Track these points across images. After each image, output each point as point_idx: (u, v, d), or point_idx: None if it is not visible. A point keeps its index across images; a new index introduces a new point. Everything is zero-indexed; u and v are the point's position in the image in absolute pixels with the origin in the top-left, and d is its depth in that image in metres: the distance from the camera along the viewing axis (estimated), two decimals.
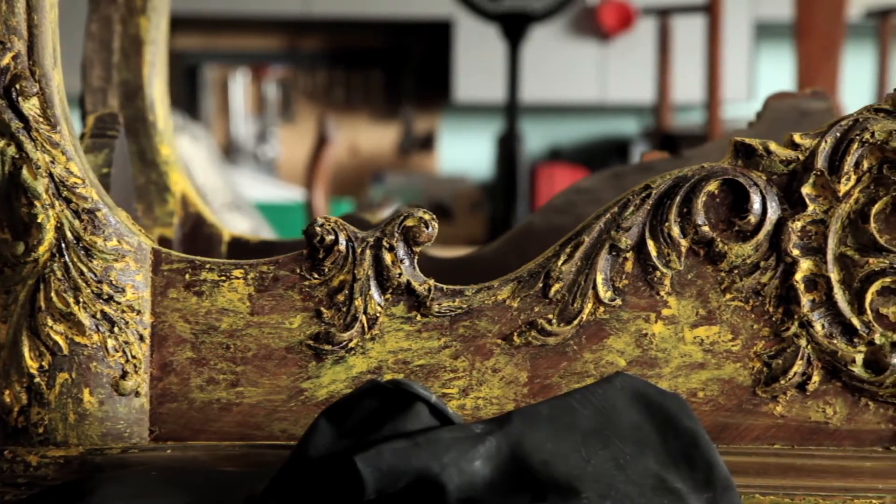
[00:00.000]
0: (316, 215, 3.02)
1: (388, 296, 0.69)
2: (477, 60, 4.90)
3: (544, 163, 5.15)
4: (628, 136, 5.17)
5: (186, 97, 5.28)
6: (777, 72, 5.07)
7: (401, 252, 0.69)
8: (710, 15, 3.05)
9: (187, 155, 2.94)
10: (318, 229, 0.69)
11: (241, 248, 0.99)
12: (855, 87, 4.45)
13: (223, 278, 0.68)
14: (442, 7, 4.71)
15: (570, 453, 0.62)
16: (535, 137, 5.23)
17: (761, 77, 5.10)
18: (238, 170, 4.99)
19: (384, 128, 5.41)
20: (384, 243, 0.69)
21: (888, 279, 0.69)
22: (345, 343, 0.69)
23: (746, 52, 4.89)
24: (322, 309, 0.69)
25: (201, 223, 0.98)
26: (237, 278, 0.69)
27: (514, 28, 3.42)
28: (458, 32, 4.93)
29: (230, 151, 5.28)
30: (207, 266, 0.69)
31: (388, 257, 0.69)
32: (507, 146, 3.52)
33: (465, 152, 5.37)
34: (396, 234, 0.69)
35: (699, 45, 3.68)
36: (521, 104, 4.89)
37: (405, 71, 5.32)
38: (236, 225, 3.00)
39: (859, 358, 0.69)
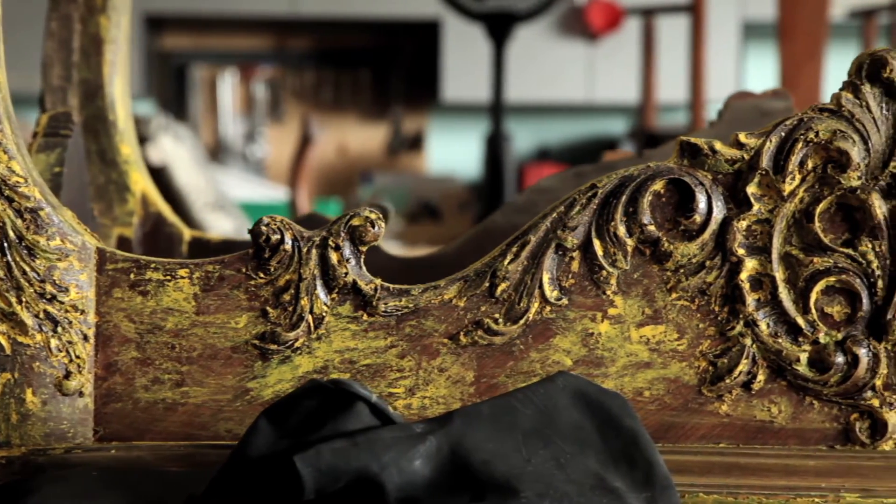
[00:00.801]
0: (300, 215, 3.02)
1: (334, 295, 0.69)
2: (465, 60, 4.90)
3: (532, 162, 5.15)
4: (616, 135, 5.17)
5: (175, 97, 5.28)
6: (764, 71, 5.07)
7: (347, 251, 0.69)
8: (693, 15, 3.06)
9: (170, 155, 2.94)
10: (263, 228, 0.69)
11: (202, 248, 0.99)
12: (836, 87, 4.45)
13: (168, 278, 0.68)
14: (430, 7, 4.72)
15: (510, 453, 0.62)
16: (524, 137, 5.23)
17: (749, 77, 5.10)
18: (226, 169, 4.99)
19: (373, 128, 5.41)
20: (330, 242, 0.69)
21: (832, 278, 0.69)
22: (291, 342, 0.69)
23: (734, 51, 4.89)
24: (268, 308, 0.69)
25: (162, 223, 0.98)
26: (182, 278, 0.69)
27: (499, 28, 3.43)
28: (446, 32, 4.93)
29: (218, 151, 5.28)
30: (152, 265, 0.69)
31: (334, 257, 0.69)
32: (493, 146, 3.53)
33: (454, 152, 5.37)
34: (342, 234, 0.69)
35: (685, 45, 3.68)
36: (509, 104, 4.89)
37: (394, 71, 5.32)
38: (219, 225, 2.99)
39: (804, 357, 0.70)
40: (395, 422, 0.63)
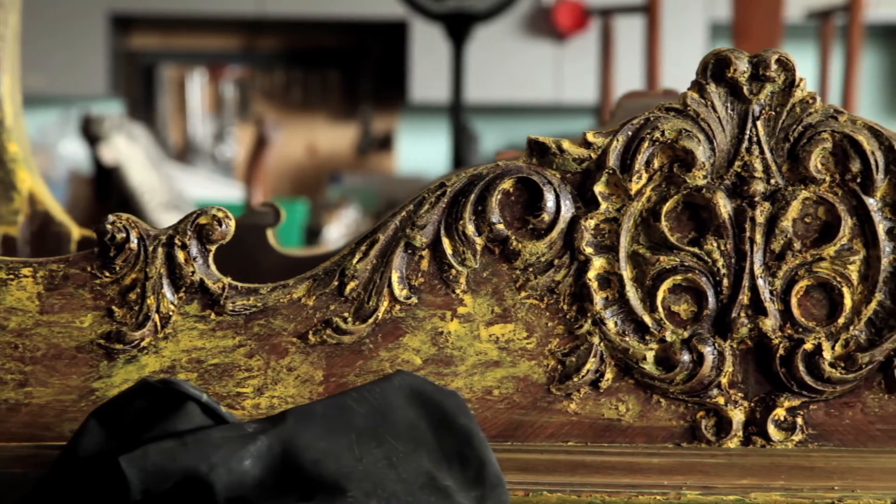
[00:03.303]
0: None
1: (181, 294, 0.69)
2: (433, 61, 4.90)
3: None
4: None
5: (143, 97, 5.26)
6: None
7: (194, 250, 0.69)
8: (649, 15, 3.06)
9: (124, 154, 2.93)
10: (108, 227, 0.69)
11: (92, 247, 0.98)
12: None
13: (11, 276, 0.68)
14: (398, 8, 4.71)
15: (342, 452, 0.62)
16: (492, 138, 5.23)
17: None
18: (194, 169, 4.98)
19: (342, 128, 5.41)
20: (176, 241, 0.69)
21: (679, 277, 0.70)
22: (137, 342, 0.69)
23: (701, 52, 4.90)
24: (114, 308, 0.69)
25: (49, 222, 0.98)
26: (26, 276, 0.68)
27: (458, 28, 3.42)
28: (413, 33, 4.93)
29: (187, 151, 5.26)
30: None
31: (180, 255, 0.69)
32: (457, 146, 3.53)
33: (424, 153, 5.37)
34: (189, 232, 0.69)
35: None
36: (477, 104, 4.89)
37: (363, 71, 5.31)
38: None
39: (650, 355, 0.70)
40: (227, 421, 0.63)
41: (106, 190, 2.99)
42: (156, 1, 4.88)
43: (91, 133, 2.91)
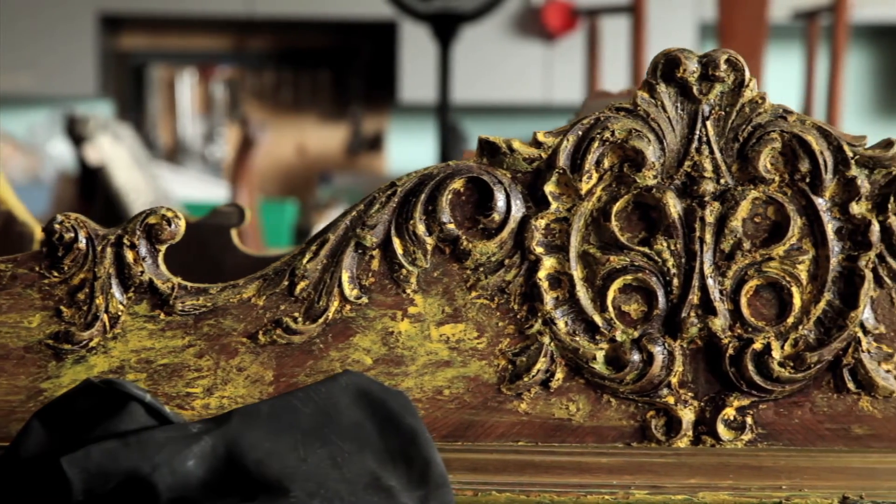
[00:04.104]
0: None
1: (130, 294, 0.69)
2: (423, 61, 4.90)
3: None
4: None
5: (133, 97, 5.26)
6: None
7: (143, 250, 0.69)
8: (634, 16, 3.06)
9: (108, 154, 2.93)
10: (57, 227, 0.68)
11: None
12: (783, 88, 4.47)
13: None
14: (388, 8, 4.71)
15: (286, 452, 0.62)
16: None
17: None
18: (184, 169, 4.98)
19: (332, 128, 5.40)
20: (125, 241, 0.69)
21: (629, 277, 0.70)
22: (85, 342, 0.69)
23: None
24: (62, 308, 0.69)
25: (12, 221, 0.98)
26: None
27: (445, 28, 3.42)
28: (403, 33, 4.93)
29: (177, 151, 5.26)
30: None
31: (129, 255, 0.69)
32: (443, 146, 3.52)
33: (414, 153, 5.37)
34: (138, 232, 0.69)
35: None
36: (467, 105, 4.89)
37: (353, 71, 5.31)
38: None
39: (600, 355, 0.70)
40: (172, 421, 0.63)
41: (91, 190, 2.99)
42: (145, 1, 4.87)
43: (75, 133, 2.91)
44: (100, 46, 4.90)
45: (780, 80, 4.52)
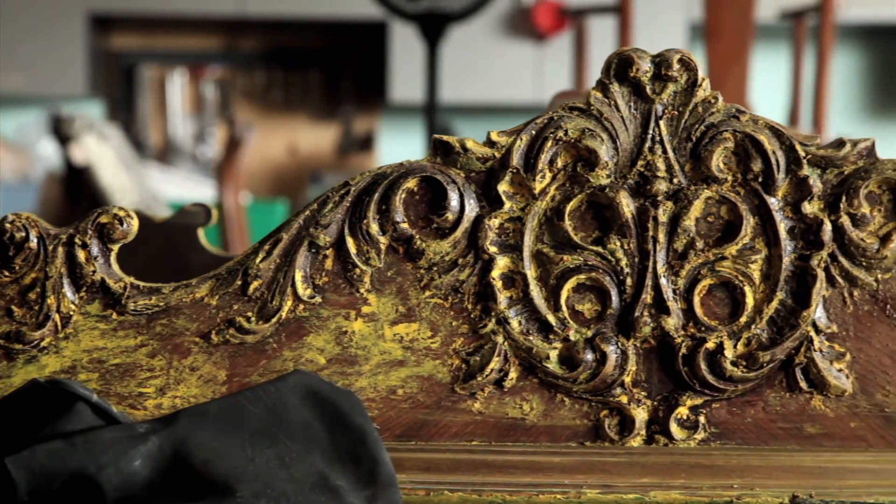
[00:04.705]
0: (227, 217, 3.01)
1: (82, 294, 0.69)
2: (413, 61, 4.90)
3: None
4: None
5: (123, 97, 5.25)
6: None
7: (95, 249, 0.69)
8: (621, 16, 3.06)
9: (94, 154, 2.93)
10: (7, 226, 0.68)
11: None
12: (770, 88, 4.47)
13: None
14: (378, 8, 4.71)
15: (234, 452, 0.62)
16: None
17: None
18: (175, 169, 4.97)
19: (323, 128, 5.40)
20: (77, 240, 0.69)
21: (583, 276, 0.70)
22: (37, 342, 0.69)
23: None
24: (13, 307, 0.69)
25: None
26: None
27: (433, 28, 3.42)
28: (393, 33, 4.93)
29: (167, 151, 5.26)
30: None
31: (81, 255, 0.69)
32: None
33: (405, 153, 5.36)
34: (90, 231, 0.69)
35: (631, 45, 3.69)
36: (457, 105, 4.89)
37: (343, 71, 5.31)
38: None
39: (554, 354, 0.70)
40: (119, 421, 0.63)
41: (77, 190, 2.98)
42: (135, 1, 4.87)
43: (61, 133, 2.91)
44: (90, 46, 4.90)
45: (768, 80, 4.52)
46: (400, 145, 5.36)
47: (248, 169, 5.06)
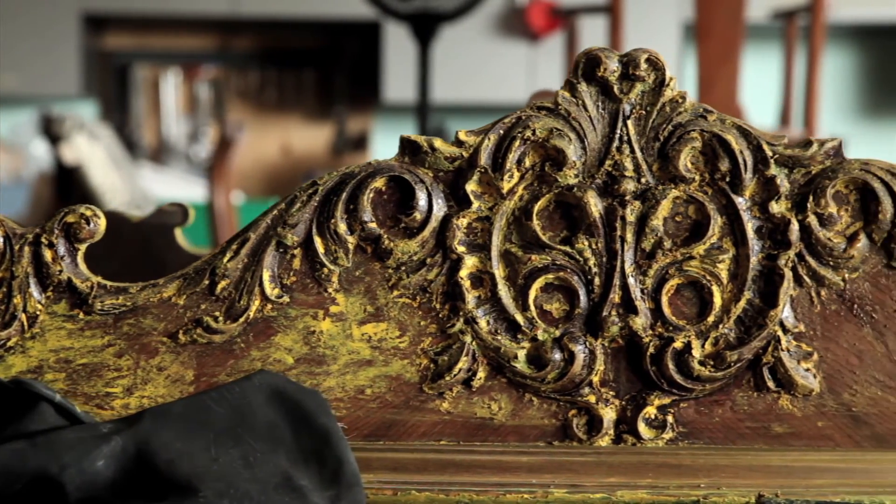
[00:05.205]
0: (218, 216, 3.01)
1: (48, 293, 0.69)
2: (407, 61, 4.89)
3: None
4: None
5: (117, 97, 5.25)
6: None
7: (61, 249, 0.69)
8: (611, 15, 3.06)
9: (85, 154, 2.92)
10: None
11: None
12: (761, 88, 4.47)
13: None
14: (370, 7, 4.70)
15: (198, 452, 0.62)
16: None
17: (687, 76, 5.12)
18: (168, 169, 4.97)
19: (317, 128, 5.40)
20: (43, 240, 0.69)
21: (551, 276, 0.69)
22: (3, 342, 0.69)
23: (675, 52, 4.90)
24: None
25: None
26: None
27: (425, 28, 3.42)
28: (387, 33, 4.93)
29: (161, 151, 5.25)
30: None
31: (48, 254, 0.69)
32: None
33: None
34: (56, 231, 0.69)
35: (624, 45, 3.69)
36: (451, 104, 4.89)
37: (337, 71, 5.31)
38: None
39: (522, 354, 0.70)
40: (82, 421, 0.63)
41: (67, 190, 2.98)
42: (129, 1, 4.86)
43: (52, 133, 2.91)
44: (84, 46, 4.89)
45: (759, 80, 4.52)
46: (394, 145, 5.34)
47: (243, 168, 5.06)
